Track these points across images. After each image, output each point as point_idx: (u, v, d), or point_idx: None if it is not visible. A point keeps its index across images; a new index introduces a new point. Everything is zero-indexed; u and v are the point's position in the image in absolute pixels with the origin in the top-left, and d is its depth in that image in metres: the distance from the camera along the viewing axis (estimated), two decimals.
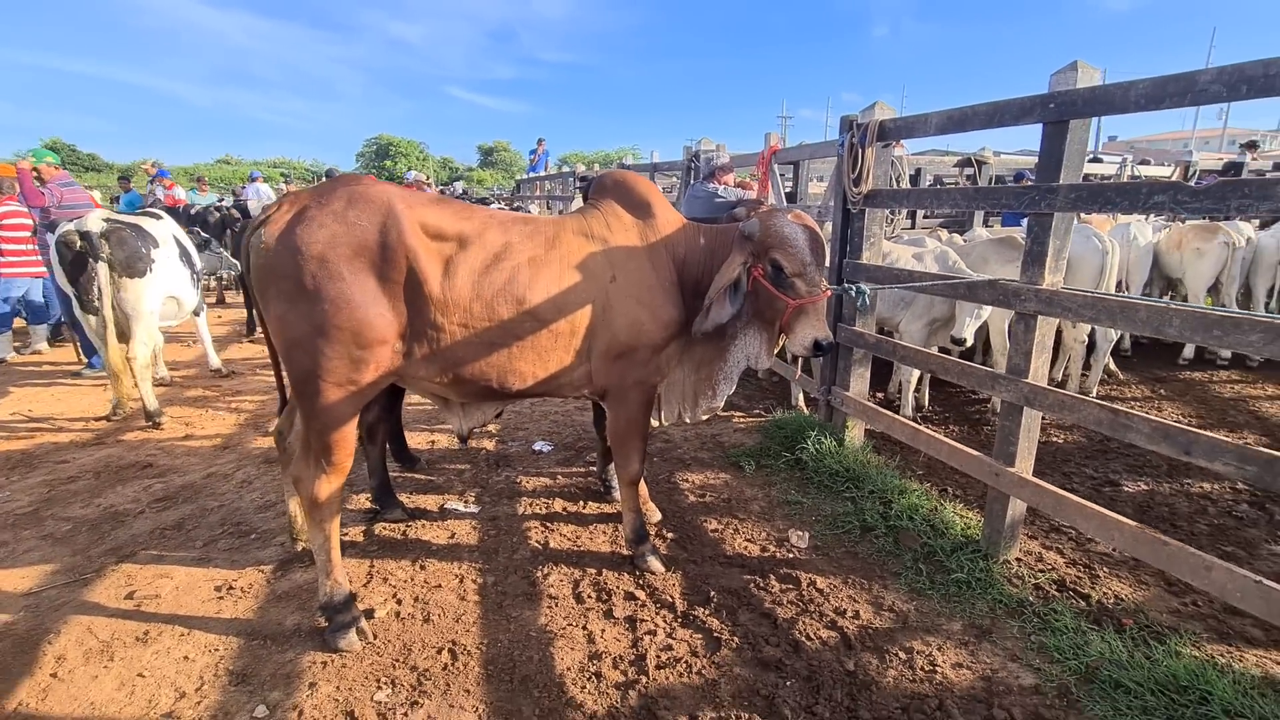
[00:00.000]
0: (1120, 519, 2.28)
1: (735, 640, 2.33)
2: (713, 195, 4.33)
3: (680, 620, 2.45)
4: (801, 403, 4.68)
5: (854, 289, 2.81)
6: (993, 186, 6.41)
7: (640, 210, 2.59)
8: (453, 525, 3.12)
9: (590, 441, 4.13)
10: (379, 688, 2.10)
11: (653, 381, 2.64)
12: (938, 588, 2.61)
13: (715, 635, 2.36)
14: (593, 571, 2.75)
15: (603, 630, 2.39)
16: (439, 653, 2.26)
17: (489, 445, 4.10)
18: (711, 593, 2.59)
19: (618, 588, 2.64)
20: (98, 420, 4.45)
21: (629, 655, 2.26)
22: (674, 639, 2.34)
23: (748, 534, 3.05)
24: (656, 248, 2.57)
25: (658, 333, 2.53)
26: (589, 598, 2.58)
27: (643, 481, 2.90)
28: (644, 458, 2.76)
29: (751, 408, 4.83)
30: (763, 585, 2.65)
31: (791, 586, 2.64)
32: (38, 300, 6.27)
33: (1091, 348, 4.97)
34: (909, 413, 4.42)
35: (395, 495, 3.20)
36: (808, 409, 4.51)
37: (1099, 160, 9.07)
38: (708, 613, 2.48)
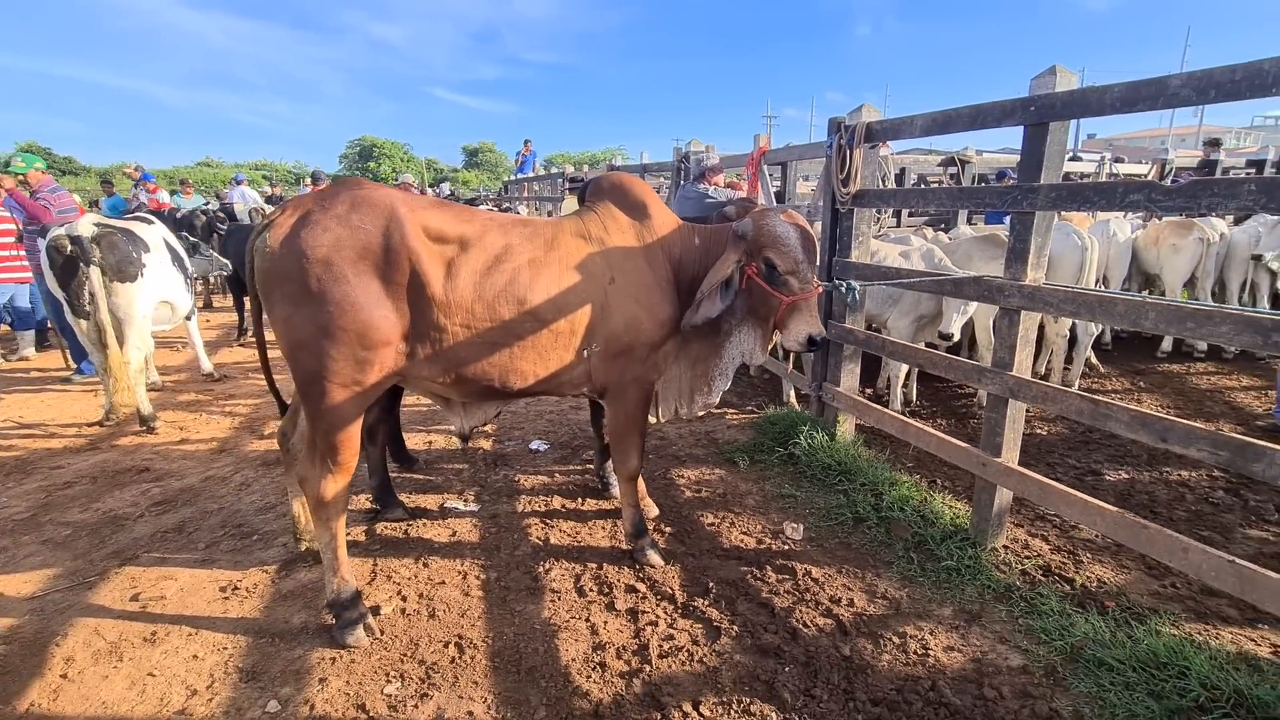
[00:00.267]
0: (1102, 505, 2.37)
1: (735, 629, 2.40)
2: (703, 196, 4.39)
3: (681, 611, 2.51)
4: (793, 399, 4.76)
5: (844, 285, 2.89)
6: (977, 186, 6.53)
7: (636, 212, 2.66)
8: (453, 523, 3.16)
9: (586, 440, 4.18)
10: (389, 681, 2.14)
11: (651, 379, 2.70)
12: (928, 575, 2.69)
13: (715, 624, 2.42)
14: (593, 566, 2.80)
15: (605, 622, 2.45)
16: (446, 646, 2.31)
17: (486, 445, 4.14)
18: (710, 584, 2.65)
19: (618, 581, 2.70)
20: (90, 426, 4.44)
21: (632, 645, 2.32)
22: (675, 629, 2.40)
23: (744, 527, 3.12)
24: (653, 248, 2.63)
25: (655, 331, 2.60)
26: (591, 591, 2.63)
27: (640, 477, 2.96)
28: (643, 454, 2.82)
29: (744, 404, 4.91)
30: (760, 576, 2.72)
31: (788, 577, 2.72)
32: (23, 305, 6.23)
33: (1073, 342, 5.10)
34: (897, 407, 4.52)
35: (396, 495, 3.24)
36: (799, 405, 4.60)
37: (1078, 159, 9.25)
38: (707, 603, 2.54)
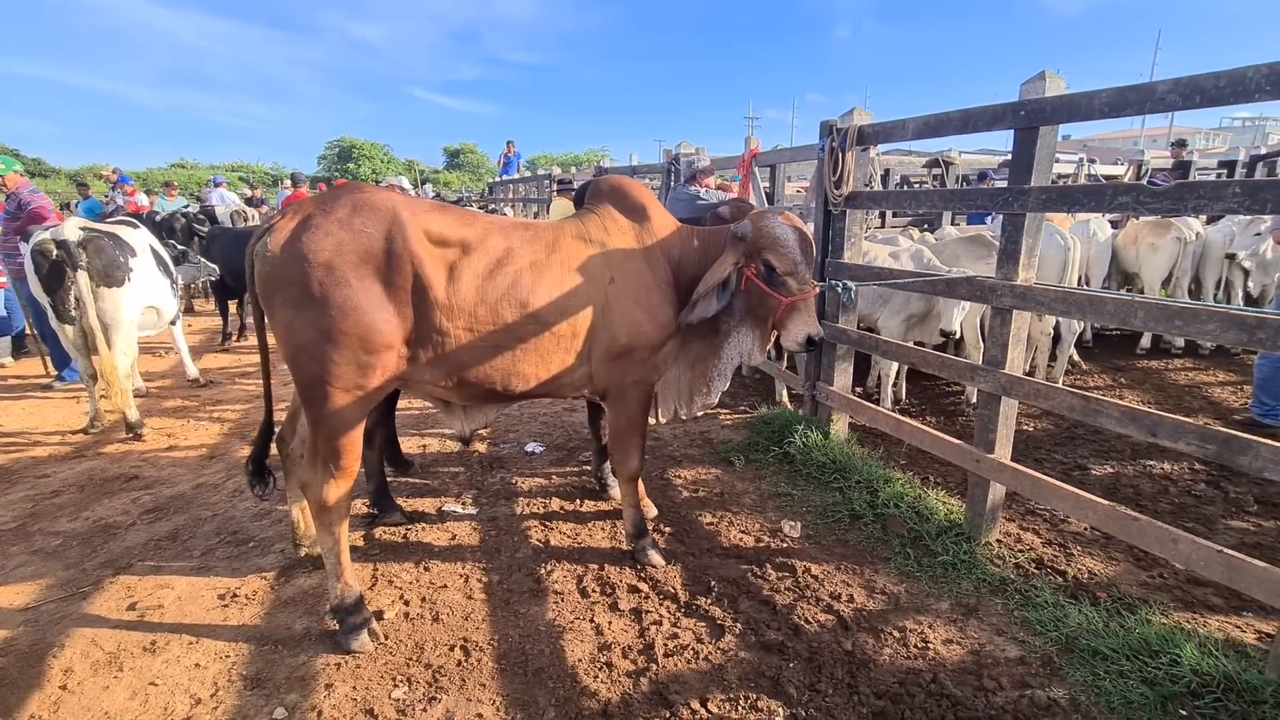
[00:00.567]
0: (1094, 499, 2.44)
1: (738, 626, 2.42)
2: (695, 198, 4.42)
3: (684, 610, 2.53)
4: (785, 398, 4.81)
5: (840, 286, 2.94)
6: (969, 189, 6.67)
7: (636, 214, 2.67)
8: (452, 527, 3.16)
9: (581, 441, 4.19)
10: (395, 685, 2.14)
11: (651, 380, 2.72)
12: (925, 570, 2.74)
13: (719, 623, 2.45)
14: (595, 567, 2.82)
15: (609, 622, 2.46)
16: (451, 650, 2.31)
17: (481, 448, 4.13)
18: (712, 583, 2.68)
19: (620, 581, 2.71)
20: (74, 434, 4.36)
21: (637, 645, 2.34)
22: (679, 628, 2.43)
23: (742, 526, 3.16)
24: (653, 250, 2.65)
25: (655, 333, 2.62)
26: (593, 592, 2.65)
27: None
28: (643, 454, 2.84)
29: (736, 405, 4.94)
30: (760, 574, 2.75)
31: (787, 574, 2.75)
32: None
33: (1057, 339, 5.21)
34: (888, 405, 4.58)
35: (393, 499, 3.22)
36: (791, 404, 4.64)
37: (1056, 159, 9.44)
38: (709, 602, 2.57)
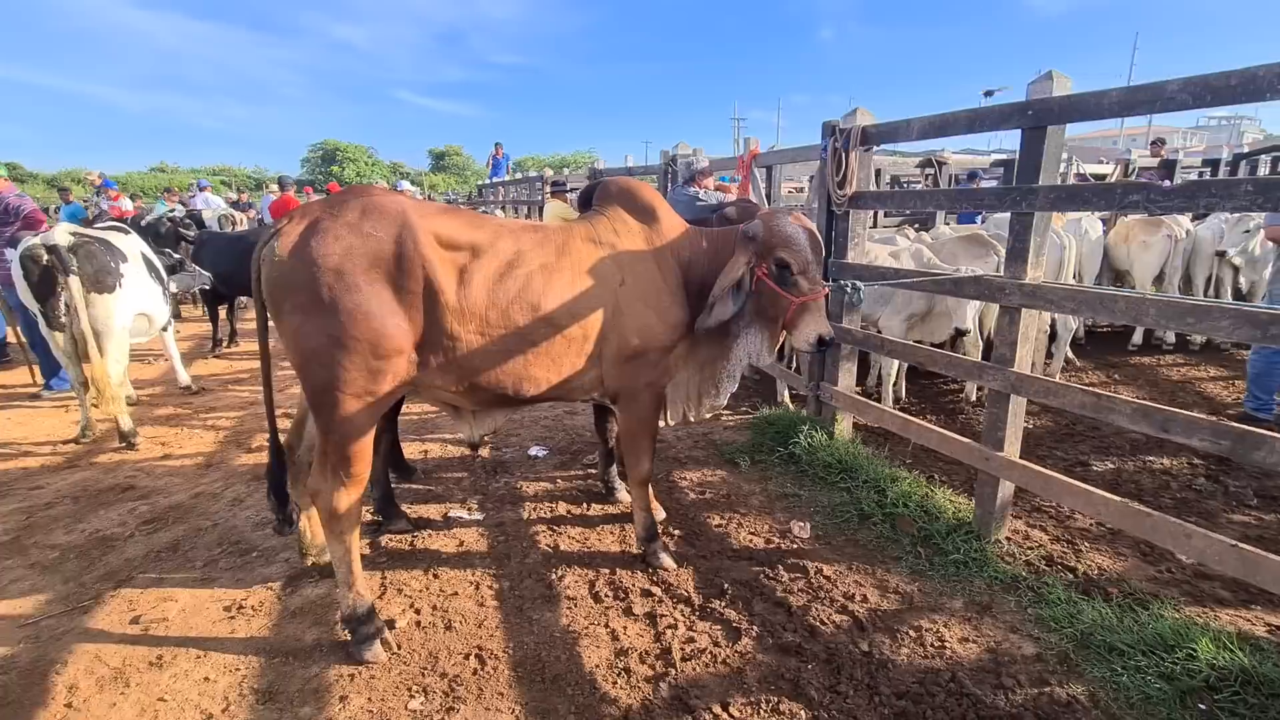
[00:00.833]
0: (1107, 495, 2.45)
1: (754, 629, 2.41)
2: (694, 199, 4.42)
3: (698, 613, 2.52)
4: (787, 398, 4.81)
5: (849, 285, 2.94)
6: (975, 188, 6.72)
7: (645, 215, 2.66)
8: (459, 533, 3.12)
9: (585, 445, 4.17)
10: (412, 696, 2.10)
11: (662, 383, 2.70)
12: (937, 569, 2.75)
13: (734, 625, 2.43)
14: (606, 571, 2.79)
15: (625, 627, 2.44)
16: (466, 658, 2.28)
17: (484, 453, 4.09)
18: (725, 585, 2.67)
19: (633, 585, 2.69)
20: (66, 443, 4.27)
21: (654, 649, 2.32)
22: (695, 631, 2.41)
23: (751, 527, 3.15)
24: (662, 251, 2.63)
25: (666, 334, 2.60)
26: (606, 596, 2.62)
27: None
28: (653, 457, 2.82)
29: (738, 406, 4.93)
30: (772, 575, 2.74)
31: (800, 575, 2.74)
32: None
33: (1052, 337, 5.25)
34: (889, 405, 4.59)
35: (398, 506, 3.18)
36: (793, 405, 4.64)
37: None
38: (724, 604, 2.56)
